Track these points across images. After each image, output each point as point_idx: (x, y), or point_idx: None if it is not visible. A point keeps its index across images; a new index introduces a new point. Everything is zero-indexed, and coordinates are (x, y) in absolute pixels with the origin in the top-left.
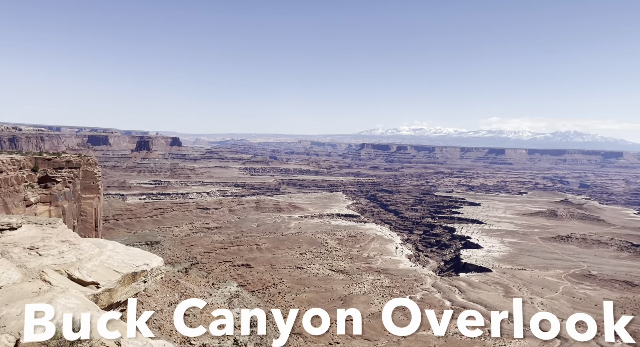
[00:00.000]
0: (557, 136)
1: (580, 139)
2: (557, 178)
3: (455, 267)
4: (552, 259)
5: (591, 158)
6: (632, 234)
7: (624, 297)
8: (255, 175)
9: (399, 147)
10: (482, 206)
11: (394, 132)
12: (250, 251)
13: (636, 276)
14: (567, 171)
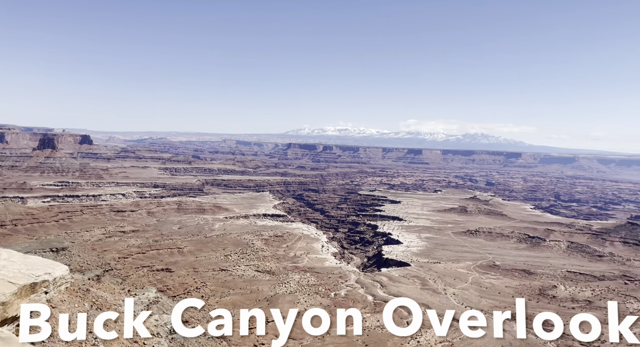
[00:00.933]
0: (467, 138)
1: (487, 141)
2: (467, 177)
3: (377, 263)
4: (462, 252)
5: (496, 158)
6: (529, 226)
7: (522, 284)
8: (177, 175)
9: (325, 147)
10: (402, 204)
11: (320, 132)
12: (171, 255)
13: (532, 264)
14: (476, 170)
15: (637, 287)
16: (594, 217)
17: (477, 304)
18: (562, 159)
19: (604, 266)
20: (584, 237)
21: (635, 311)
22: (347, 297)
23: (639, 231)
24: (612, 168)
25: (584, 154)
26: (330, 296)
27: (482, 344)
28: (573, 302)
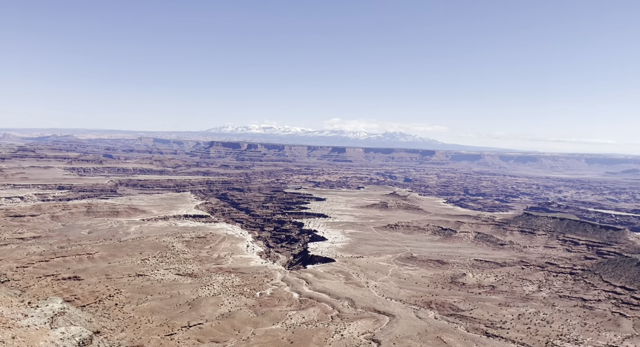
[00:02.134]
0: (387, 136)
1: (405, 139)
2: (387, 173)
3: (303, 260)
4: (383, 245)
5: (413, 156)
6: (442, 219)
7: (436, 274)
8: (86, 176)
9: (249, 145)
10: (327, 201)
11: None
12: (79, 262)
13: (445, 255)
14: (395, 167)
15: (532, 271)
16: (497, 209)
17: (397, 294)
18: (470, 156)
19: (505, 253)
20: (489, 228)
21: (530, 293)
22: (273, 296)
23: (533, 221)
24: (512, 164)
25: (488, 152)
26: (255, 295)
27: (400, 332)
28: (479, 287)
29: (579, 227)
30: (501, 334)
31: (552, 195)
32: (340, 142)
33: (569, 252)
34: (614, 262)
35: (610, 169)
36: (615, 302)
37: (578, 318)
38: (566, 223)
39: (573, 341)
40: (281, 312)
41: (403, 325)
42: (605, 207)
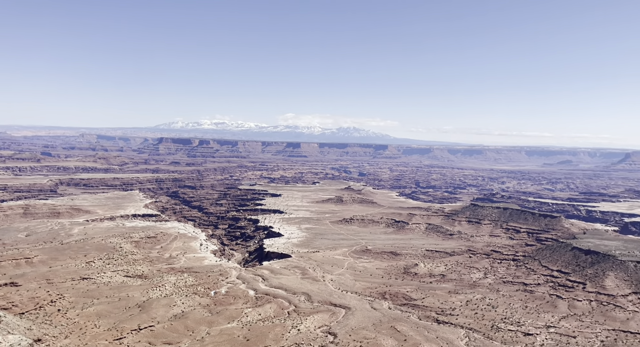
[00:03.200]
0: (341, 131)
1: (358, 134)
2: (342, 168)
3: (259, 257)
4: (339, 239)
5: (366, 150)
6: (395, 212)
7: (390, 265)
8: (22, 175)
9: (201, 141)
10: (283, 197)
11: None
12: (16, 267)
13: (398, 246)
14: (350, 162)
15: (478, 259)
16: (446, 200)
17: (352, 287)
18: (420, 150)
19: (454, 243)
20: (439, 219)
21: (477, 280)
22: (228, 294)
23: (479, 211)
24: (459, 157)
25: (438, 146)
26: (210, 294)
27: (356, 323)
28: (431, 277)
29: (520, 216)
30: (451, 320)
31: (496, 186)
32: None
33: (511, 240)
34: (551, 248)
35: (548, 160)
36: (553, 285)
37: (520, 302)
38: (509, 212)
39: (515, 323)
40: (237, 310)
41: (358, 317)
42: (544, 197)
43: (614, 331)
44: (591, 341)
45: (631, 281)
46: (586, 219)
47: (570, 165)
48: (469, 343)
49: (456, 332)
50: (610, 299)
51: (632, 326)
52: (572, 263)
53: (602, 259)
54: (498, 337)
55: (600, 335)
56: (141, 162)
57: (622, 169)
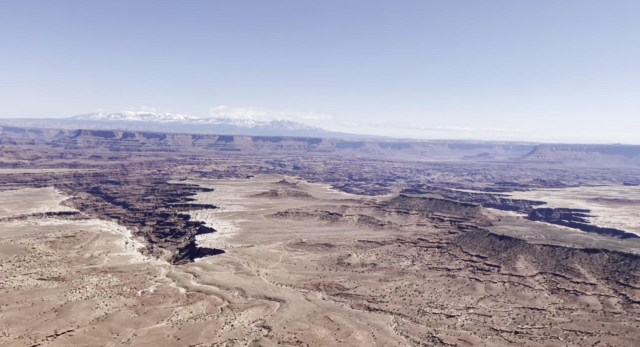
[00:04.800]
0: (275, 125)
1: (292, 128)
2: (276, 162)
3: (190, 254)
4: (274, 233)
5: (301, 144)
6: (330, 204)
7: (324, 256)
8: None
9: (125, 133)
10: (215, 191)
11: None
12: None
13: (332, 238)
14: (284, 155)
15: (407, 247)
16: (377, 192)
17: (287, 280)
18: (353, 143)
19: (385, 233)
20: (370, 210)
21: (405, 267)
22: (157, 293)
23: (407, 201)
24: (389, 150)
25: (369, 139)
26: (137, 294)
27: (290, 315)
28: (363, 266)
29: (444, 205)
30: (381, 307)
31: (423, 177)
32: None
33: (436, 228)
34: (471, 235)
35: (468, 153)
36: (472, 269)
37: (443, 286)
38: (434, 203)
39: (440, 307)
40: (166, 309)
41: (293, 309)
42: (464, 187)
43: (523, 309)
44: (504, 318)
45: (538, 263)
46: (501, 207)
47: (487, 157)
48: (397, 328)
49: (386, 318)
50: (521, 279)
51: (538, 303)
52: (488, 248)
53: (514, 244)
54: (424, 320)
55: (512, 313)
56: (56, 156)
57: (531, 161)
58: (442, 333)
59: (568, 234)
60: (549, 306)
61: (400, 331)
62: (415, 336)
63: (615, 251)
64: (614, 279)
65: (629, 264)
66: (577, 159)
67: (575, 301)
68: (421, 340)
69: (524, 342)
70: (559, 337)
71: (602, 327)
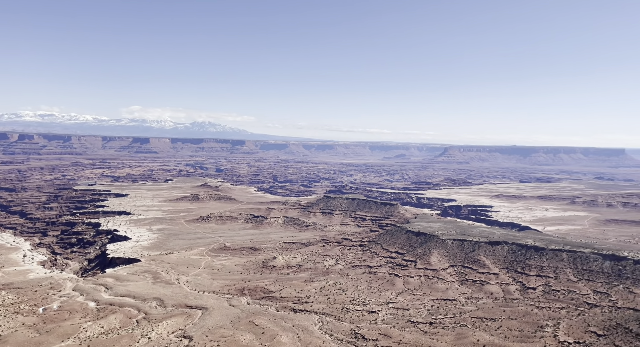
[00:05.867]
0: (195, 126)
1: (214, 129)
2: (197, 164)
3: (102, 265)
4: (195, 238)
5: (223, 146)
6: (254, 207)
7: (249, 260)
8: None
9: (22, 135)
10: (130, 196)
11: (13, 118)
12: None
13: (257, 241)
14: (206, 158)
15: (331, 247)
16: (302, 194)
17: (210, 286)
18: (277, 145)
19: (310, 233)
20: (296, 212)
21: (330, 267)
22: (62, 309)
23: (331, 202)
24: (313, 152)
25: (293, 141)
26: (38, 312)
27: (213, 323)
28: (288, 268)
29: (366, 205)
30: (306, 308)
31: (346, 178)
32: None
33: (359, 227)
34: (390, 232)
35: (387, 154)
36: (392, 265)
37: (366, 283)
38: (356, 202)
39: (362, 303)
40: (73, 325)
41: (216, 316)
42: (384, 187)
43: (437, 300)
44: (420, 310)
45: (449, 256)
46: (417, 205)
47: (404, 158)
48: (322, 327)
49: (311, 319)
50: (435, 273)
51: (449, 294)
52: (406, 244)
53: (428, 239)
54: (347, 318)
55: (427, 305)
56: None
57: (442, 161)
58: (364, 329)
59: (475, 228)
60: (459, 296)
61: (324, 330)
62: (339, 333)
63: (514, 242)
64: (512, 268)
65: (524, 254)
66: (481, 159)
67: (481, 290)
68: (344, 337)
69: (438, 331)
70: (468, 324)
71: (504, 313)
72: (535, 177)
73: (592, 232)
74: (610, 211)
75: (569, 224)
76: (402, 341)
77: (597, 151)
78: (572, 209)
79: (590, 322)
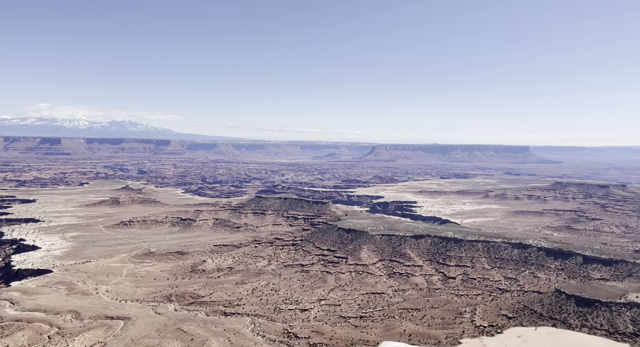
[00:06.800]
0: (114, 125)
1: (136, 129)
2: (117, 166)
3: (5, 277)
4: (116, 245)
5: (146, 146)
6: (181, 210)
7: (177, 265)
8: None
9: None
10: (39, 202)
11: None
12: None
13: (185, 245)
14: (127, 159)
15: (263, 248)
16: (233, 194)
17: (133, 295)
18: (205, 145)
19: (241, 235)
20: (226, 213)
21: (262, 268)
22: None
23: (263, 202)
24: (244, 152)
25: (223, 141)
26: None
27: (137, 333)
28: (219, 271)
29: (298, 204)
30: (238, 310)
31: (278, 178)
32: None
33: (291, 227)
34: (322, 230)
35: (318, 153)
36: (324, 263)
37: (298, 282)
38: (289, 202)
39: (295, 302)
40: None
41: (140, 325)
42: (316, 185)
43: (367, 294)
44: (351, 305)
45: (378, 251)
46: (347, 202)
47: (335, 157)
48: (254, 329)
49: (242, 321)
50: (365, 268)
51: (378, 287)
52: (338, 241)
53: (358, 236)
54: (280, 318)
55: (357, 299)
56: None
57: (370, 160)
58: (297, 328)
59: (401, 223)
60: (387, 289)
61: (257, 332)
62: (271, 334)
63: (436, 235)
64: (435, 259)
65: (445, 246)
66: (406, 157)
67: (407, 282)
68: (277, 337)
69: (367, 325)
70: (395, 316)
71: (427, 303)
72: (454, 173)
73: (502, 223)
74: (518, 203)
75: (483, 216)
76: (334, 337)
77: (506, 149)
78: (485, 202)
79: (502, 306)
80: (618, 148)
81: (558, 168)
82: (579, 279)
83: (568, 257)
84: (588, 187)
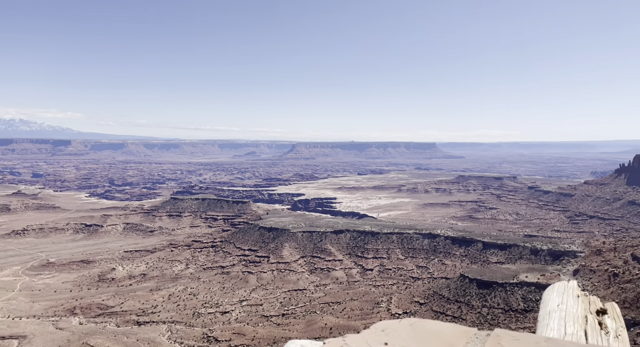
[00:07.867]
0: (2, 124)
1: (28, 128)
2: (6, 169)
3: None
4: (7, 257)
5: (42, 147)
6: (86, 215)
7: (81, 275)
8: None
9: None
10: None
11: None
12: None
13: (91, 253)
14: (18, 161)
15: (180, 251)
16: (145, 197)
17: (29, 311)
18: (112, 145)
19: (155, 239)
20: (138, 217)
21: (179, 272)
22: None
23: (179, 204)
24: (156, 151)
25: (132, 140)
26: None
27: None
28: (131, 279)
29: (217, 204)
30: (153, 318)
31: (195, 178)
32: None
33: (210, 228)
34: (243, 230)
35: (237, 152)
36: (245, 263)
37: (218, 284)
38: (207, 202)
39: (215, 305)
40: None
41: (38, 343)
42: (236, 185)
43: (289, 292)
44: (273, 304)
45: (300, 248)
46: (268, 201)
47: (255, 156)
48: (171, 336)
49: (158, 329)
50: (287, 265)
51: (300, 284)
52: (259, 241)
53: (280, 234)
54: (199, 322)
55: (280, 297)
56: None
57: (291, 158)
58: (217, 331)
59: (322, 219)
60: (309, 285)
61: (174, 339)
62: (190, 340)
63: (355, 229)
64: (354, 253)
65: (363, 239)
66: (325, 154)
67: (329, 277)
68: (196, 343)
69: (290, 322)
70: (317, 310)
71: (347, 295)
72: (370, 170)
73: (414, 215)
74: (427, 196)
75: (397, 209)
76: (256, 337)
77: (416, 145)
78: (399, 196)
79: (415, 293)
80: (509, 143)
81: (460, 162)
82: (479, 264)
83: (470, 244)
84: (486, 180)
